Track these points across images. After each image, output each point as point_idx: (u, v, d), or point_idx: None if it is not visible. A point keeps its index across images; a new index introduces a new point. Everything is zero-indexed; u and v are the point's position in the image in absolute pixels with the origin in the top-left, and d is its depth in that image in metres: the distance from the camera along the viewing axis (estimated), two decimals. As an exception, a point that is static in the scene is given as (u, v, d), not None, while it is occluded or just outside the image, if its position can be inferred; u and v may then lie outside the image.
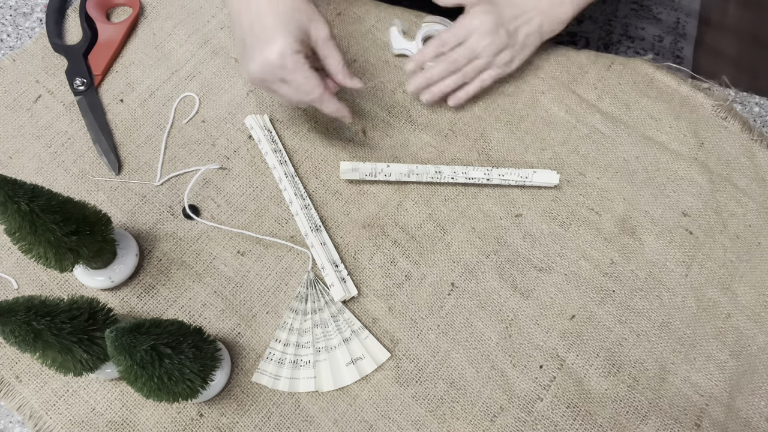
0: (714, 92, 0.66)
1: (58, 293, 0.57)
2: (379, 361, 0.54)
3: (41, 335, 0.41)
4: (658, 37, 1.55)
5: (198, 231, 0.60)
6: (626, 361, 0.55)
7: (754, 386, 0.54)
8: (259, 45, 0.50)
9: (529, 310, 0.56)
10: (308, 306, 0.56)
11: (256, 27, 0.50)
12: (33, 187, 0.45)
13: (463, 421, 0.52)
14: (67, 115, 0.64)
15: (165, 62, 0.67)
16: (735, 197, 0.61)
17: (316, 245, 0.57)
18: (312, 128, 0.64)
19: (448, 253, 0.59)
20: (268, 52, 0.50)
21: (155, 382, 0.42)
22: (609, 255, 0.59)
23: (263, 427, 0.52)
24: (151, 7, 0.70)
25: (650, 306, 0.57)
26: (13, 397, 0.53)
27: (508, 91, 0.66)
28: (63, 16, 0.69)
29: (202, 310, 0.56)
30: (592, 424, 0.52)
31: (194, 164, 0.62)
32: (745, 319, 0.56)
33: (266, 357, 0.54)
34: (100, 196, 0.61)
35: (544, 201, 0.61)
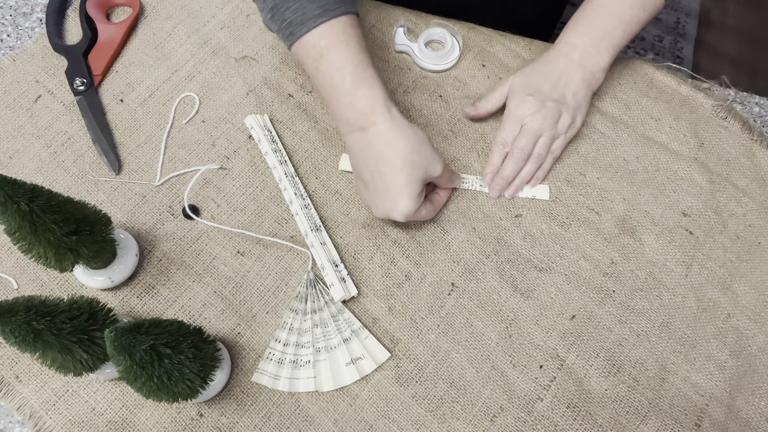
0: (714, 92, 0.66)
1: (58, 293, 0.57)
2: (379, 361, 0.54)
3: (41, 335, 0.41)
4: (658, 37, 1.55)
5: (198, 231, 0.60)
6: (626, 361, 0.55)
7: (754, 386, 0.54)
8: (382, 202, 0.53)
9: (529, 310, 0.56)
10: (308, 306, 0.56)
11: (377, 183, 0.53)
12: (33, 187, 0.45)
13: (463, 421, 0.52)
14: (67, 115, 0.64)
15: (165, 62, 0.67)
16: (735, 197, 0.61)
17: (316, 245, 0.57)
18: (312, 128, 0.64)
19: (448, 253, 0.59)
20: (392, 212, 0.53)
21: (155, 382, 0.42)
22: (609, 255, 0.59)
23: (263, 427, 0.52)
24: (151, 7, 0.70)
25: (650, 306, 0.57)
26: (13, 397, 0.53)
27: (508, 91, 0.66)
28: (63, 16, 0.69)
29: (202, 310, 0.56)
30: (592, 424, 0.52)
31: (194, 164, 0.62)
32: (745, 319, 0.56)
33: (266, 357, 0.54)
34: (100, 196, 0.61)
35: (544, 201, 0.61)
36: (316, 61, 0.53)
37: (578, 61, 0.60)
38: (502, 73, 0.67)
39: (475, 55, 0.68)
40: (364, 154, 0.53)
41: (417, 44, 0.67)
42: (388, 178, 0.52)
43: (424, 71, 0.68)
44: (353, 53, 0.52)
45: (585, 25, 0.61)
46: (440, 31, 0.68)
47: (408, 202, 0.52)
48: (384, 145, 0.52)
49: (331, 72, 0.52)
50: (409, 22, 0.69)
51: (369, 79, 0.52)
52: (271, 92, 0.66)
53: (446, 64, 0.67)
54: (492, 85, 0.67)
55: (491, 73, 0.67)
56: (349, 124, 0.53)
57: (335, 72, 0.52)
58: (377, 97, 0.52)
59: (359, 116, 0.52)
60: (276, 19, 0.54)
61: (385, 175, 0.52)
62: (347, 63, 0.52)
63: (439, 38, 0.69)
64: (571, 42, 0.61)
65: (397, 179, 0.52)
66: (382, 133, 0.52)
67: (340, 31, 0.52)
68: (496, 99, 0.62)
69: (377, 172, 0.52)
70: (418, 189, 0.53)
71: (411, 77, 0.67)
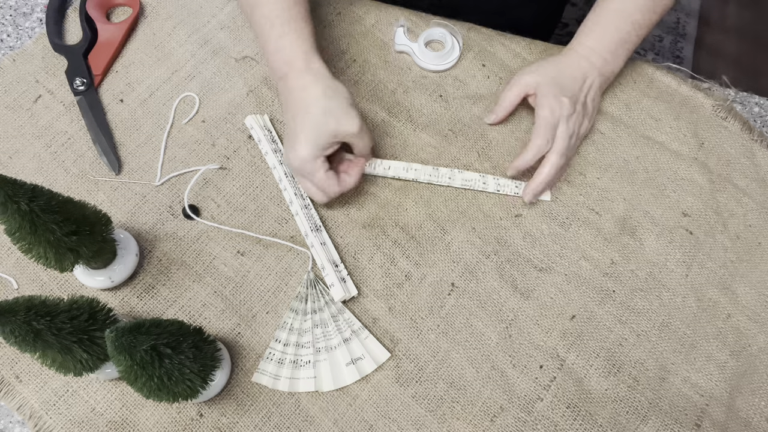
0: (714, 92, 0.66)
1: (58, 293, 0.57)
2: (379, 361, 0.54)
3: (41, 335, 0.41)
4: (658, 37, 1.55)
5: (198, 231, 0.60)
6: (626, 361, 0.55)
7: (754, 386, 0.54)
8: (288, 145, 0.55)
9: (529, 310, 0.56)
10: (308, 306, 0.56)
11: (289, 127, 0.55)
12: (33, 187, 0.45)
13: (463, 421, 0.52)
14: (67, 115, 0.64)
15: (165, 62, 0.67)
16: (735, 197, 0.61)
17: (316, 245, 0.57)
18: (312, 128, 0.64)
19: (448, 253, 0.59)
20: (291, 156, 0.54)
21: (155, 382, 0.42)
22: (609, 255, 0.59)
23: (263, 427, 0.52)
24: (151, 7, 0.70)
25: (650, 306, 0.57)
26: (13, 397, 0.53)
27: (508, 91, 0.66)
28: (63, 16, 0.69)
29: (202, 310, 0.56)
30: (592, 424, 0.52)
31: (194, 164, 0.62)
32: (745, 319, 0.56)
33: (266, 357, 0.54)
34: (100, 196, 0.61)
35: (544, 201, 0.61)
36: (252, 11, 0.56)
37: (598, 67, 0.60)
38: (503, 73, 0.67)
39: (476, 55, 0.68)
40: (286, 100, 0.55)
41: (417, 44, 0.67)
42: (297, 121, 0.53)
43: (424, 71, 0.68)
44: (285, 6, 0.55)
45: (601, 31, 0.61)
46: (440, 31, 0.68)
47: (306, 148, 0.53)
48: (300, 92, 0.54)
49: (262, 21, 0.56)
50: (408, 21, 0.69)
51: (294, 31, 0.55)
52: (271, 92, 0.66)
53: (446, 64, 0.67)
54: (492, 85, 0.67)
55: (491, 73, 0.67)
56: (274, 71, 0.57)
57: (265, 21, 0.56)
58: (300, 47, 0.55)
59: (282, 65, 0.55)
60: None
61: (295, 118, 0.54)
62: (277, 16, 0.55)
63: (439, 38, 0.69)
64: (588, 45, 0.61)
65: (304, 122, 0.53)
66: (299, 80, 0.54)
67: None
68: (513, 100, 0.62)
69: (291, 117, 0.54)
70: (321, 138, 0.53)
71: (411, 77, 0.67)
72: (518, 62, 0.68)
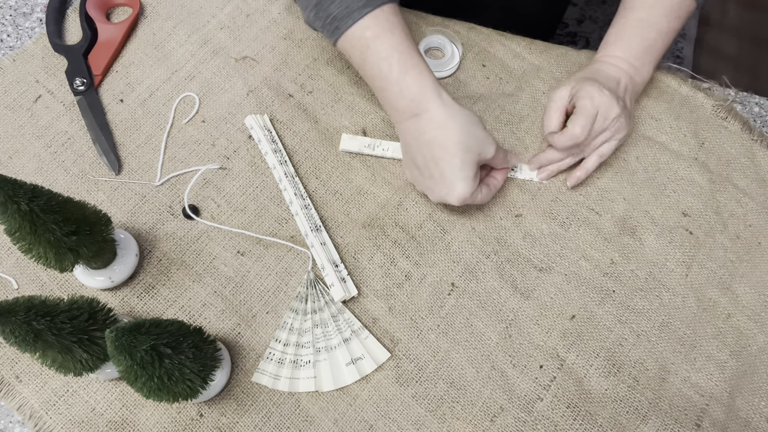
0: (714, 92, 0.66)
1: (58, 293, 0.57)
2: (379, 361, 0.54)
3: (41, 335, 0.41)
4: (658, 37, 1.55)
5: (198, 231, 0.60)
6: (626, 361, 0.55)
7: (754, 386, 0.54)
8: (437, 187, 0.54)
9: (529, 310, 0.56)
10: (308, 306, 0.56)
11: (431, 169, 0.53)
12: (33, 187, 0.45)
13: (463, 421, 0.52)
14: (67, 115, 0.64)
15: (165, 62, 0.67)
16: (735, 197, 0.61)
17: (316, 245, 0.57)
18: (312, 128, 0.64)
19: (448, 253, 0.59)
20: (449, 197, 0.54)
21: (155, 382, 0.42)
22: (609, 255, 0.59)
23: (263, 427, 0.52)
24: (151, 7, 0.70)
25: (650, 306, 0.57)
26: (13, 397, 0.53)
27: (508, 91, 0.66)
28: (63, 16, 0.69)
29: (202, 310, 0.56)
30: (592, 424, 0.52)
31: (194, 164, 0.62)
32: (745, 319, 0.56)
33: (266, 357, 0.54)
34: (100, 196, 0.61)
35: (544, 201, 0.61)
36: (363, 53, 0.53)
37: (628, 71, 0.60)
38: (503, 74, 0.67)
39: (476, 55, 0.68)
40: (417, 141, 0.53)
41: None
42: (443, 163, 0.52)
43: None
44: (399, 41, 0.52)
45: (627, 40, 0.60)
46: (439, 38, 0.68)
47: (463, 186, 0.53)
48: (437, 131, 0.52)
49: (379, 62, 0.52)
50: (407, 23, 0.69)
51: (416, 65, 0.52)
52: (271, 92, 0.66)
53: (447, 71, 0.67)
54: (492, 85, 0.67)
55: (491, 73, 0.67)
56: (399, 112, 0.54)
57: (382, 62, 0.52)
58: (426, 82, 0.52)
59: (410, 104, 0.53)
60: (320, 15, 0.53)
61: (439, 160, 0.53)
62: (394, 51, 0.52)
63: (437, 45, 0.69)
64: (617, 56, 0.60)
65: (452, 163, 0.52)
66: (434, 119, 0.52)
67: (385, 20, 0.52)
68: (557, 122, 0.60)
69: (431, 157, 0.53)
70: (472, 172, 0.53)
71: (411, 77, 0.67)
72: (518, 62, 0.68)
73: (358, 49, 0.53)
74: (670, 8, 0.59)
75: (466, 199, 0.54)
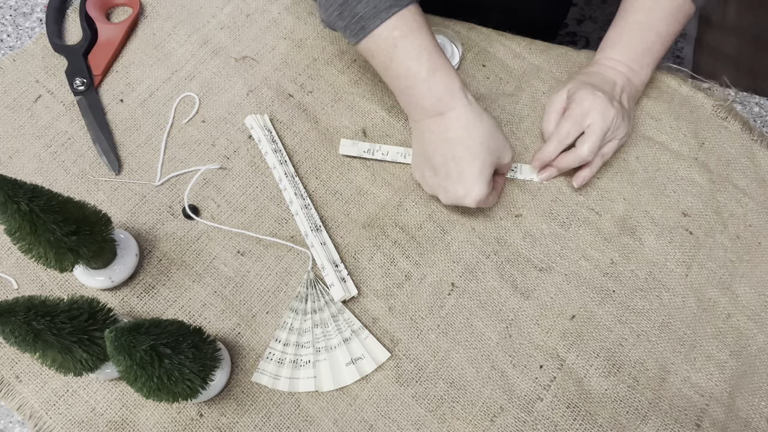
0: (714, 92, 0.66)
1: (58, 293, 0.57)
2: (379, 361, 0.54)
3: (41, 335, 0.41)
4: (658, 37, 1.55)
5: (198, 231, 0.60)
6: (626, 361, 0.55)
7: (754, 386, 0.54)
8: (453, 186, 0.54)
9: (529, 310, 0.56)
10: (308, 306, 0.56)
11: (450, 167, 0.54)
12: (33, 187, 0.45)
13: (463, 421, 0.52)
14: (67, 115, 0.64)
15: (165, 62, 0.67)
16: (735, 197, 0.61)
17: (316, 245, 0.57)
18: (312, 128, 0.64)
19: (448, 253, 0.59)
20: (465, 198, 0.54)
21: (155, 382, 0.42)
22: (609, 255, 0.59)
23: (263, 427, 0.52)
24: (151, 7, 0.70)
25: (650, 306, 0.57)
26: (13, 397, 0.53)
27: (508, 91, 0.66)
28: (63, 16, 0.69)
29: (202, 310, 0.56)
30: (592, 424, 0.52)
31: (194, 164, 0.62)
32: (745, 319, 0.56)
33: (266, 357, 0.54)
34: (100, 196, 0.61)
35: (544, 201, 0.61)
36: (389, 52, 0.53)
37: (626, 74, 0.60)
38: (503, 74, 0.67)
39: (476, 55, 0.68)
40: (440, 138, 0.54)
41: None
42: (464, 163, 0.53)
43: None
44: (427, 41, 0.53)
45: (626, 43, 0.60)
46: (439, 38, 0.68)
47: (481, 188, 0.53)
48: (462, 130, 0.53)
49: (407, 61, 0.52)
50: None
51: (444, 65, 0.53)
52: (271, 92, 0.66)
53: None
54: (492, 85, 0.67)
55: (491, 73, 0.67)
56: (425, 110, 0.54)
57: (411, 61, 0.52)
58: (454, 82, 0.53)
59: (437, 102, 0.53)
60: (345, 14, 0.53)
61: (460, 160, 0.53)
62: (423, 51, 0.52)
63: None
64: (615, 58, 0.61)
65: (474, 164, 0.53)
66: (461, 118, 0.53)
67: (411, 20, 0.52)
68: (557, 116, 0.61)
69: (452, 156, 0.53)
70: (490, 175, 0.54)
71: (411, 77, 0.67)
72: (518, 62, 0.68)
73: (383, 48, 0.53)
74: (670, 11, 0.59)
75: (481, 201, 0.54)
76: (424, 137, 0.55)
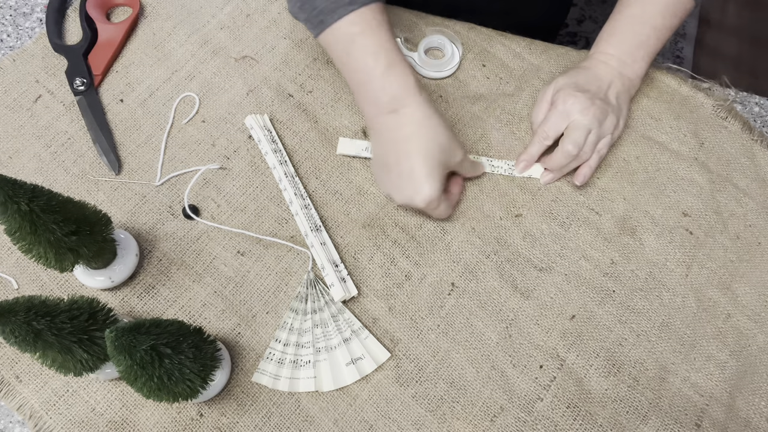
0: (714, 92, 0.66)
1: (58, 293, 0.57)
2: (379, 361, 0.54)
3: (41, 335, 0.41)
4: (658, 37, 1.55)
5: (198, 231, 0.60)
6: (626, 361, 0.55)
7: (754, 386, 0.54)
8: (404, 184, 0.54)
9: (529, 310, 0.56)
10: (308, 306, 0.56)
11: (403, 165, 0.54)
12: (33, 187, 0.45)
13: (463, 421, 0.52)
14: (67, 115, 0.64)
15: (165, 62, 0.67)
16: (735, 197, 0.61)
17: (316, 245, 0.57)
18: (312, 128, 0.64)
19: (448, 253, 0.59)
20: (415, 196, 0.54)
21: (155, 382, 0.42)
22: (609, 255, 0.59)
23: (263, 427, 0.52)
24: (151, 7, 0.70)
25: (650, 306, 0.57)
26: (13, 397, 0.53)
27: (508, 91, 0.66)
28: (63, 16, 0.69)
29: (202, 310, 0.56)
30: (592, 424, 0.52)
31: (194, 164, 0.62)
32: (745, 319, 0.56)
33: (266, 357, 0.54)
34: (100, 196, 0.61)
35: (544, 201, 0.61)
36: (347, 47, 0.53)
37: (617, 68, 0.60)
38: (503, 74, 0.67)
39: (476, 56, 0.68)
40: (393, 135, 0.54)
41: (417, 54, 0.67)
42: (415, 160, 0.53)
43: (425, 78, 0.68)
44: (384, 39, 0.53)
45: (619, 36, 0.61)
46: (439, 38, 0.68)
47: (431, 186, 0.53)
48: (414, 127, 0.53)
49: (364, 57, 0.53)
50: (405, 31, 0.69)
51: (400, 63, 0.53)
52: (271, 92, 0.66)
53: (447, 71, 0.67)
54: (492, 85, 0.67)
55: (491, 73, 0.67)
56: (378, 107, 0.54)
57: (368, 57, 0.53)
58: (409, 80, 0.53)
59: (391, 100, 0.53)
60: (306, 7, 0.54)
61: (412, 157, 0.53)
62: (380, 48, 0.53)
63: (438, 45, 0.69)
64: (608, 52, 0.61)
65: (425, 161, 0.53)
66: (415, 114, 0.53)
67: (371, 18, 0.53)
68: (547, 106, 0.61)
69: (405, 153, 0.53)
70: (441, 174, 0.54)
71: (411, 77, 0.67)
72: (518, 62, 0.68)
73: (341, 43, 0.54)
74: (666, 5, 0.59)
75: (431, 202, 0.54)
76: (379, 136, 0.55)
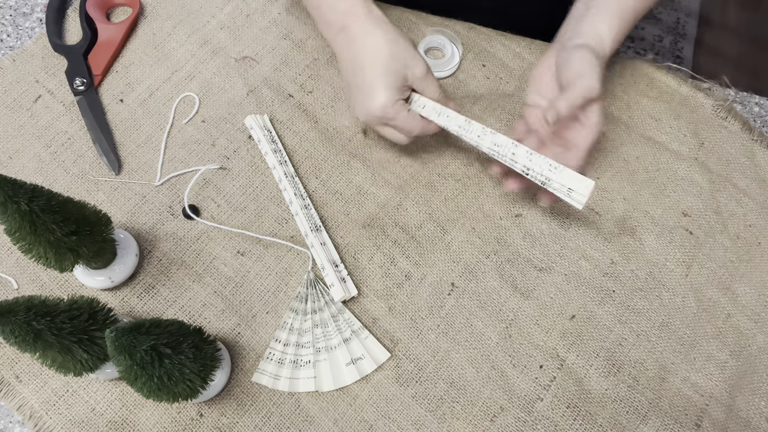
0: (714, 92, 0.66)
1: (58, 293, 0.57)
2: (379, 361, 0.54)
3: (41, 335, 0.41)
4: (658, 37, 1.55)
5: (198, 231, 0.60)
6: (626, 361, 0.55)
7: (754, 386, 0.54)
8: (362, 96, 0.54)
9: (529, 310, 0.56)
10: (308, 306, 0.56)
11: (358, 78, 0.53)
12: (33, 187, 0.45)
13: (463, 421, 0.52)
14: (67, 115, 0.64)
15: (165, 62, 0.67)
16: (735, 197, 0.61)
17: (316, 245, 0.57)
18: (312, 128, 0.64)
19: (448, 253, 0.59)
20: (370, 105, 0.53)
21: (155, 382, 0.42)
22: (609, 255, 0.59)
23: (263, 427, 0.52)
24: (151, 7, 0.70)
25: (650, 306, 0.57)
26: (13, 397, 0.53)
27: (508, 91, 0.66)
28: (63, 16, 0.69)
29: (202, 310, 0.56)
30: (592, 424, 0.52)
31: (194, 164, 0.62)
32: (745, 319, 0.56)
33: (266, 357, 0.54)
34: (100, 196, 0.61)
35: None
36: None
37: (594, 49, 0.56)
38: (503, 74, 0.67)
39: (476, 55, 0.68)
40: (348, 52, 0.54)
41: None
42: (367, 70, 0.53)
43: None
44: None
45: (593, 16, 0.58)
46: (439, 38, 0.68)
47: (385, 94, 0.52)
48: (364, 38, 0.53)
49: None
50: (405, 22, 0.69)
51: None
52: (271, 92, 0.66)
53: (447, 71, 0.67)
54: (492, 85, 0.67)
55: (491, 73, 0.67)
56: (330, 26, 0.55)
57: None
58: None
59: (341, 16, 0.54)
60: None
61: (364, 67, 0.53)
62: None
63: (438, 45, 0.69)
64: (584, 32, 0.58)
65: (375, 69, 0.52)
66: (362, 27, 0.53)
67: None
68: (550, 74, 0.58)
69: (359, 66, 0.53)
70: (396, 82, 0.53)
71: (411, 77, 0.67)
72: (518, 62, 0.68)
73: None
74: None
75: (387, 108, 0.52)
76: (339, 57, 0.56)
